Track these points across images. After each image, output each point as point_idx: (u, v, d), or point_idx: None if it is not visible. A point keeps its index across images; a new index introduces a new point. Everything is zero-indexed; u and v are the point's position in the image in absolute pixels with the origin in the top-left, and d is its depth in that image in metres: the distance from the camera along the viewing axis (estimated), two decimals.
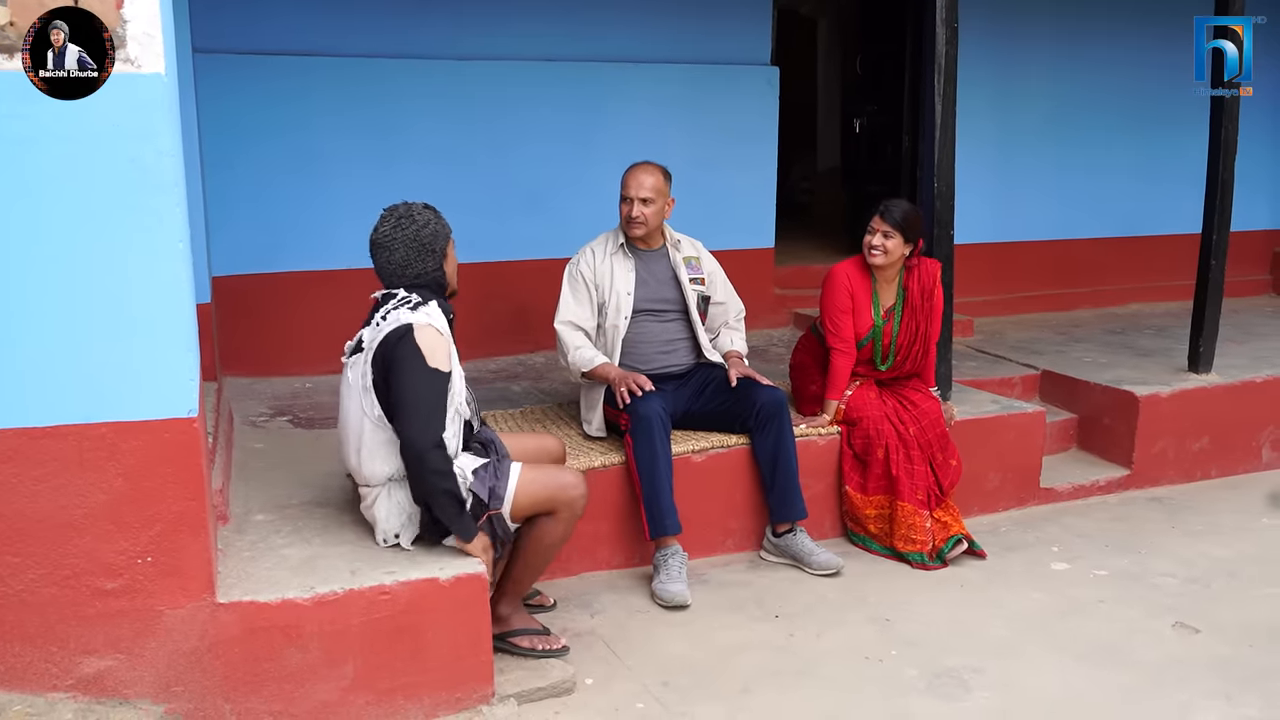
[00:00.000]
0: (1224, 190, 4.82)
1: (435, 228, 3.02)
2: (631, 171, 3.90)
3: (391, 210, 3.03)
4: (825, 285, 4.12)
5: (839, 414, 4.07)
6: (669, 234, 4.06)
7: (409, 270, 2.99)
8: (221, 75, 4.57)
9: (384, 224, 3.01)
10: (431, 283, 3.03)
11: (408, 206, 3.03)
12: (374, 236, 3.02)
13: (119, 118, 2.34)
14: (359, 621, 2.70)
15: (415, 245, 2.98)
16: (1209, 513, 4.49)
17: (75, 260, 2.37)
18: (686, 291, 3.99)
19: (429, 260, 3.00)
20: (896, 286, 4.11)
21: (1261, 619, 3.53)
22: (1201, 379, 4.92)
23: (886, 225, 3.98)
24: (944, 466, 3.96)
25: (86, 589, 2.49)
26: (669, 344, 3.99)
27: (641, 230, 3.89)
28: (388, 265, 3.00)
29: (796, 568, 3.82)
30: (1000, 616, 3.53)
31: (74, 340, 2.39)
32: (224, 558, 2.85)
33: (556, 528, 3.07)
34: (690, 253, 4.07)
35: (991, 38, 6.03)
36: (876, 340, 4.09)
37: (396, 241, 2.98)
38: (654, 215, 3.88)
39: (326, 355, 4.91)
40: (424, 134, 5.04)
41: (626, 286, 3.92)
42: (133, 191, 2.38)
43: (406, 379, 2.82)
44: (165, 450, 2.48)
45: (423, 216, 3.02)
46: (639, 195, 3.85)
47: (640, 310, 3.94)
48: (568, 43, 5.26)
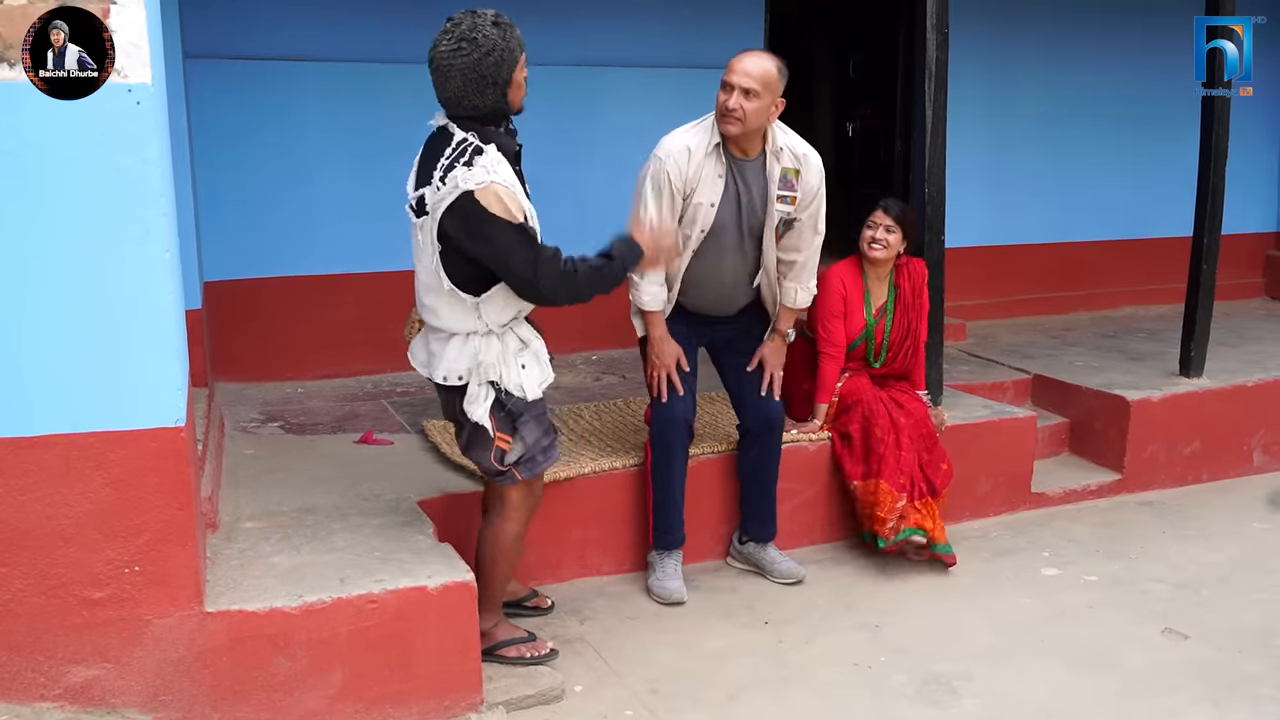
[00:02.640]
0: (1215, 195, 4.83)
1: (500, 54, 2.63)
2: (739, 55, 3.32)
3: (455, 24, 2.65)
4: (820, 286, 4.04)
5: (831, 409, 4.06)
6: (773, 139, 3.43)
7: (465, 102, 2.68)
8: (212, 80, 4.56)
9: (443, 41, 2.65)
10: (491, 114, 2.71)
11: (473, 24, 2.63)
12: (431, 54, 2.68)
13: (105, 128, 2.34)
14: (347, 630, 2.70)
15: (474, 76, 2.63)
16: (1199, 517, 4.50)
17: (61, 270, 2.37)
18: (770, 212, 3.45)
19: (489, 93, 2.66)
20: (888, 284, 4.12)
21: (1250, 624, 3.53)
22: (1193, 383, 4.93)
23: (889, 219, 3.99)
24: (933, 468, 3.95)
25: (74, 598, 2.49)
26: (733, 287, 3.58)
27: (736, 128, 3.31)
28: (442, 91, 2.70)
29: (752, 579, 3.79)
30: (990, 622, 3.54)
31: (61, 350, 2.39)
32: (212, 566, 2.85)
33: (508, 526, 3.02)
34: (790, 164, 3.48)
35: (985, 40, 6.03)
36: (869, 339, 4.08)
37: (453, 69, 2.63)
38: (755, 114, 3.29)
39: (318, 360, 4.97)
40: (416, 138, 4.98)
41: (712, 196, 3.38)
42: (119, 202, 2.38)
43: (500, 245, 2.64)
44: (153, 460, 2.48)
45: (488, 40, 2.61)
46: (741, 84, 3.26)
47: (719, 230, 3.44)
48: (558, 47, 5.24)
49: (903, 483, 3.86)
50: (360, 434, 4.11)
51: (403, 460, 3.84)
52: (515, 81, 2.72)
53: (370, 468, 3.74)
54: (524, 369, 2.88)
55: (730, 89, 3.31)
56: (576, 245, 3.98)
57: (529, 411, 2.90)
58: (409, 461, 3.83)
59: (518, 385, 2.88)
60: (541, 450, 2.95)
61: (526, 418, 2.90)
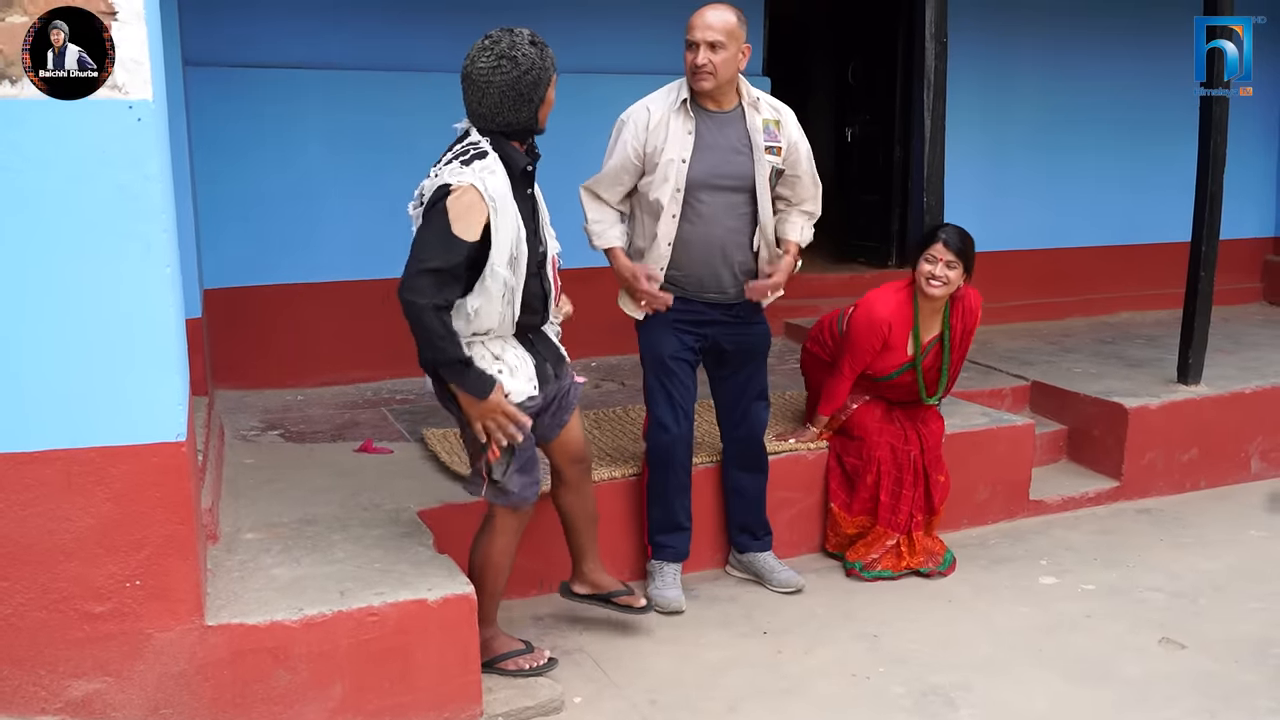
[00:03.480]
0: (1213, 202, 4.84)
1: (538, 73, 2.69)
2: (699, 11, 3.31)
3: (494, 42, 2.69)
4: (861, 316, 3.89)
5: (836, 424, 4.05)
6: (746, 90, 3.43)
7: (498, 118, 2.72)
8: (213, 88, 4.58)
9: (482, 57, 2.68)
10: (521, 131, 2.76)
11: (512, 42, 2.68)
12: (467, 68, 2.70)
13: (106, 144, 2.36)
14: (347, 643, 2.71)
15: (512, 94, 2.68)
16: (1197, 525, 4.51)
17: (62, 286, 2.39)
18: (759, 161, 3.39)
19: (523, 110, 2.71)
20: (942, 318, 3.92)
21: (1247, 634, 3.54)
22: (1191, 390, 4.94)
23: (950, 254, 3.74)
24: (933, 484, 3.97)
25: (75, 612, 2.50)
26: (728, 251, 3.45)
27: (710, 83, 3.31)
28: (476, 106, 2.72)
29: (760, 584, 3.80)
30: (987, 632, 3.55)
31: (62, 365, 2.40)
32: (213, 578, 2.86)
33: (496, 540, 3.02)
34: (770, 115, 3.46)
35: (982, 46, 6.04)
36: (917, 373, 3.93)
37: (492, 86, 2.67)
38: (725, 64, 3.29)
39: (318, 368, 4.98)
40: (416, 146, 4.98)
41: (682, 152, 3.34)
42: (120, 218, 2.39)
43: (420, 233, 2.71)
44: (153, 474, 2.49)
45: (527, 59, 2.67)
46: (706, 39, 3.27)
47: (699, 185, 3.37)
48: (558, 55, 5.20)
49: (900, 522, 3.88)
50: (360, 442, 4.12)
51: (402, 469, 3.85)
52: (547, 100, 2.78)
53: (370, 477, 3.75)
54: (500, 374, 2.82)
55: (696, 46, 3.30)
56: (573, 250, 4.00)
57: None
58: (408, 471, 3.84)
59: None
60: (523, 489, 2.93)
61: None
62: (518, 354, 2.90)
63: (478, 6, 5.12)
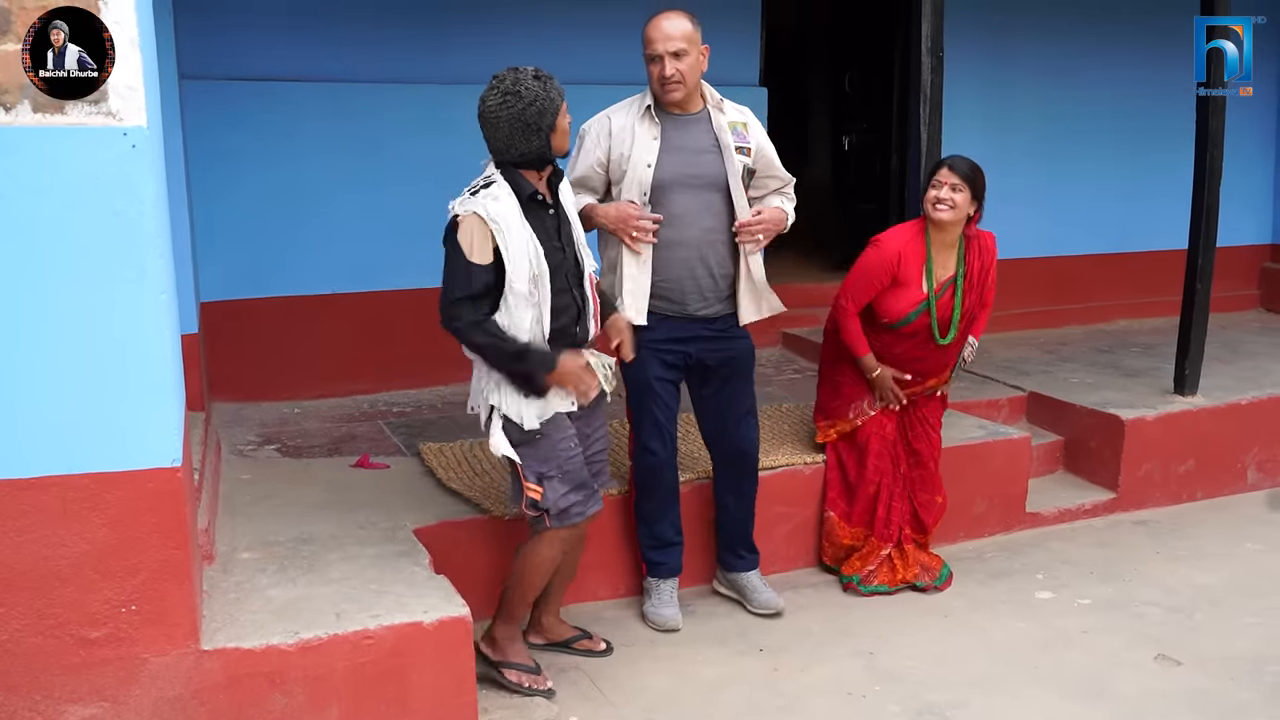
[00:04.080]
0: (1209, 215, 4.84)
1: (543, 104, 2.88)
2: (653, 23, 3.31)
3: (499, 81, 2.91)
4: (870, 250, 3.75)
5: (848, 427, 3.96)
6: (709, 93, 3.46)
7: (513, 150, 2.92)
8: (209, 101, 4.57)
9: (490, 96, 2.91)
10: (536, 159, 2.96)
11: (515, 78, 2.89)
12: (480, 109, 2.93)
13: (101, 171, 2.35)
14: (343, 666, 2.71)
15: (520, 125, 2.88)
16: (1193, 536, 4.52)
17: (57, 312, 2.38)
18: (729, 160, 3.40)
19: (534, 139, 2.90)
20: (956, 255, 3.78)
21: (1243, 650, 3.55)
22: (1187, 401, 4.94)
23: (956, 177, 3.65)
24: (927, 507, 3.95)
25: (71, 638, 2.50)
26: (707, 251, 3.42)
27: (680, 92, 3.33)
28: (492, 141, 2.95)
29: (742, 604, 3.77)
30: (983, 649, 3.55)
31: (56, 392, 2.40)
32: (209, 600, 2.87)
33: (541, 549, 3.12)
34: (737, 118, 3.50)
35: (980, 55, 6.04)
36: (932, 314, 3.76)
37: (501, 120, 2.88)
38: (691, 70, 3.32)
39: (314, 381, 4.98)
40: (412, 157, 5.03)
41: (647, 157, 3.35)
42: (115, 244, 2.39)
43: (445, 265, 2.93)
44: (149, 500, 2.49)
45: (530, 92, 2.87)
46: (669, 49, 3.27)
47: (670, 187, 3.36)
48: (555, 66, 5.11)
49: (890, 534, 3.88)
50: (356, 457, 4.13)
51: (399, 485, 3.85)
52: (559, 128, 2.94)
53: (366, 493, 3.76)
54: (526, 396, 2.98)
55: (660, 59, 3.30)
56: None
57: (547, 459, 3.01)
58: (405, 487, 3.85)
59: (517, 412, 2.99)
60: (569, 507, 3.04)
61: (551, 469, 3.01)
62: None
63: (472, 20, 5.15)
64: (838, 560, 4.01)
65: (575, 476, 3.05)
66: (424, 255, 5.08)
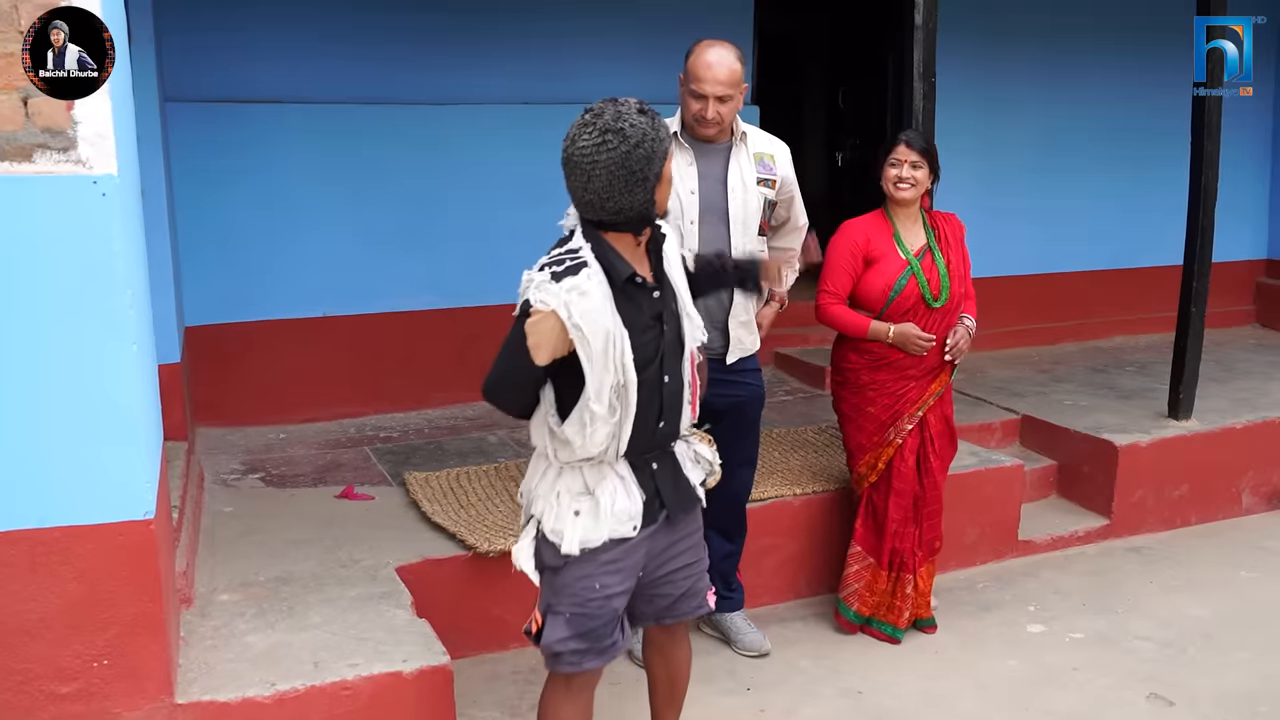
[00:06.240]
0: (1204, 236, 4.80)
1: (651, 147, 2.26)
2: (702, 60, 3.14)
3: (595, 115, 2.27)
4: (835, 239, 3.68)
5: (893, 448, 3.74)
6: (735, 124, 3.34)
7: (609, 205, 2.29)
8: (192, 123, 4.52)
9: (584, 135, 2.26)
10: (635, 219, 2.33)
11: (617, 113, 2.26)
12: (568, 150, 2.29)
13: (70, 220, 2.31)
14: (320, 719, 2.67)
15: (622, 173, 2.24)
16: (1187, 564, 4.48)
17: (24, 363, 2.33)
18: (747, 195, 3.28)
19: (638, 192, 2.27)
20: (921, 226, 3.70)
21: (1235, 688, 3.51)
22: (1181, 426, 4.90)
23: (914, 154, 3.57)
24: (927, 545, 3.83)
25: (41, 693, 2.45)
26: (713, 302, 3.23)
27: (714, 130, 3.25)
28: (582, 193, 2.30)
29: (726, 644, 3.71)
30: (973, 687, 3.51)
31: (24, 444, 2.35)
32: (186, 646, 2.82)
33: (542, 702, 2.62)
34: (765, 149, 3.38)
35: (975, 73, 5.99)
36: (918, 276, 3.61)
37: (598, 167, 2.24)
38: (730, 113, 3.22)
39: (300, 405, 4.93)
40: (397, 179, 4.99)
41: (689, 184, 3.23)
42: (85, 294, 2.34)
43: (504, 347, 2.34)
44: (121, 554, 2.44)
45: (636, 130, 2.24)
46: (716, 93, 3.15)
47: (700, 215, 3.26)
48: (541, 85, 5.21)
49: (883, 560, 3.78)
50: (341, 487, 4.08)
51: (383, 519, 3.81)
52: (664, 178, 2.34)
53: (350, 527, 3.71)
54: (576, 515, 2.42)
55: (705, 99, 3.19)
56: None
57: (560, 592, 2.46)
58: (389, 520, 3.80)
59: (555, 530, 2.43)
60: (562, 653, 2.47)
61: (562, 606, 2.45)
62: (616, 488, 2.45)
63: (458, 40, 5.10)
64: (877, 610, 3.79)
65: (586, 623, 2.45)
66: (410, 277, 5.09)
